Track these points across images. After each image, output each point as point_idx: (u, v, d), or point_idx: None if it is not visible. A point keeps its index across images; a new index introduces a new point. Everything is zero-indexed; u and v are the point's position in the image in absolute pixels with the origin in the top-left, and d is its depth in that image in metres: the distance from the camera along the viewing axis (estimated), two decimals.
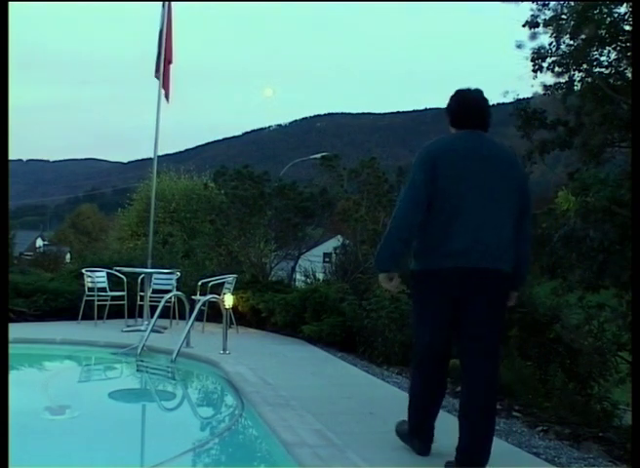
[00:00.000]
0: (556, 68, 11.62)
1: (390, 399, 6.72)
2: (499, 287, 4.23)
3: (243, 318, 12.73)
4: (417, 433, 4.68)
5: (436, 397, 4.61)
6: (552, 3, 11.10)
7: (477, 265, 4.13)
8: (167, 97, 12.42)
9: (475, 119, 4.38)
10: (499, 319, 4.28)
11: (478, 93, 4.46)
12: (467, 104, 4.43)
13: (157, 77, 12.31)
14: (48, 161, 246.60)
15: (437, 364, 4.44)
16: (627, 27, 10.22)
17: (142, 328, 10.84)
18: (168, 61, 12.39)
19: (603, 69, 11.25)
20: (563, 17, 10.91)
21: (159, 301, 10.30)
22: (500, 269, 4.20)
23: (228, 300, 9.77)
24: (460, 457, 4.22)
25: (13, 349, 4.58)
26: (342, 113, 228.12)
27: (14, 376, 6.38)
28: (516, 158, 4.53)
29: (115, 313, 12.40)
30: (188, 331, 9.20)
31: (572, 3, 10.84)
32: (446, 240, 4.15)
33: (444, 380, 4.54)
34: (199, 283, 12.44)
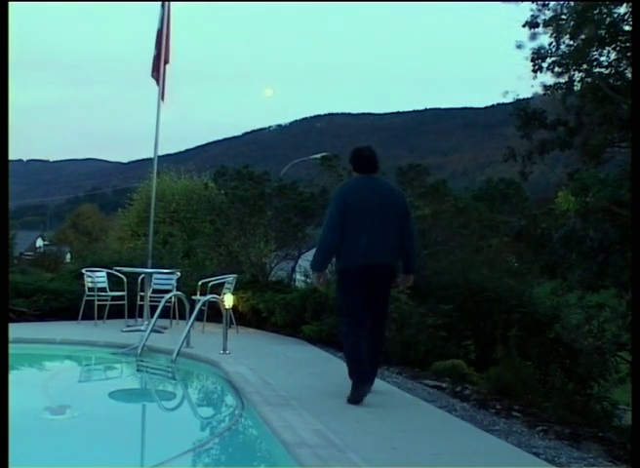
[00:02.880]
0: (556, 68, 11.62)
1: (390, 398, 6.72)
2: (390, 274, 6.68)
3: (243, 318, 12.73)
4: (360, 380, 6.38)
5: (363, 350, 6.44)
6: (552, 3, 11.10)
7: (376, 262, 6.44)
8: (162, 96, 12.40)
9: (368, 167, 6.74)
10: (388, 295, 6.81)
11: (368, 149, 6.86)
12: (362, 157, 6.80)
13: (154, 77, 12.31)
14: (48, 161, 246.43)
15: (360, 327, 6.42)
16: (627, 27, 10.22)
17: (142, 328, 10.83)
18: (165, 61, 12.37)
19: (603, 69, 11.24)
20: (563, 17, 10.91)
21: (159, 301, 10.30)
22: (390, 263, 6.58)
23: (228, 300, 9.77)
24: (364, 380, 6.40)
25: (13, 349, 4.59)
26: (342, 113, 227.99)
27: (14, 376, 6.38)
28: (398, 189, 7.05)
29: (115, 313, 12.40)
30: (188, 331, 9.21)
31: (572, 3, 10.84)
32: (356, 247, 6.39)
33: (364, 335, 6.46)
34: (199, 283, 12.44)
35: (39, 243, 69.31)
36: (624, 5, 10.07)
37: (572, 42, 11.01)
